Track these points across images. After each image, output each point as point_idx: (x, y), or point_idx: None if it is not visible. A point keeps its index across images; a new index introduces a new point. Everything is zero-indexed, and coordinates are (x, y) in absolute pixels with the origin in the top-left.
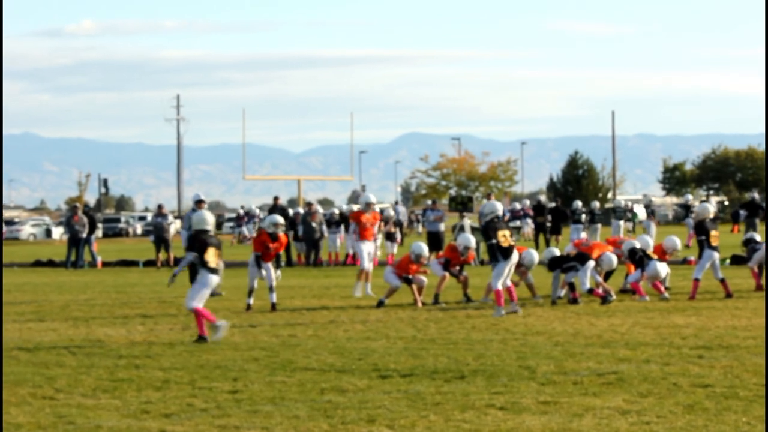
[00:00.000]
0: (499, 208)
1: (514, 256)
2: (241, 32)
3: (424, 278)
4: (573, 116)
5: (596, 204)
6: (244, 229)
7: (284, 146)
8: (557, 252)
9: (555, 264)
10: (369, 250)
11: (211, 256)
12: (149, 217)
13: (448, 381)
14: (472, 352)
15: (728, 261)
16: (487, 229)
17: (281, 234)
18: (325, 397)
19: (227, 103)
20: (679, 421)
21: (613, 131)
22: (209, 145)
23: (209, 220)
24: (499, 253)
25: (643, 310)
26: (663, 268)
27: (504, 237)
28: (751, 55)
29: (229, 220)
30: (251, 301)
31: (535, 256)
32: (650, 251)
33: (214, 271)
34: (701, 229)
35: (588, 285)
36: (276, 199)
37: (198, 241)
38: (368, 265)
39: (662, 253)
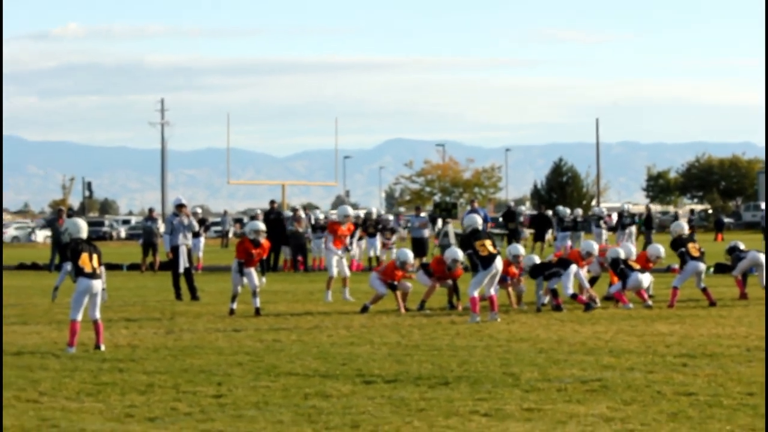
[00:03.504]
0: (478, 220)
1: (497, 264)
2: (227, 37)
3: (409, 284)
4: (558, 123)
5: (579, 211)
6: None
7: (268, 151)
8: (537, 259)
9: (537, 271)
10: (337, 257)
11: (85, 262)
12: (133, 220)
13: (432, 387)
14: (456, 359)
15: (712, 269)
16: (463, 241)
17: (263, 240)
18: (309, 403)
19: (212, 108)
20: (663, 429)
21: (598, 139)
22: (194, 150)
23: (83, 227)
24: (478, 262)
25: (627, 317)
26: (645, 279)
27: (482, 246)
28: (735, 64)
29: (214, 224)
30: (234, 305)
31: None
32: (633, 259)
33: (90, 275)
34: (679, 244)
35: (571, 290)
36: (272, 203)
37: (70, 249)
38: (336, 273)
39: (646, 261)
